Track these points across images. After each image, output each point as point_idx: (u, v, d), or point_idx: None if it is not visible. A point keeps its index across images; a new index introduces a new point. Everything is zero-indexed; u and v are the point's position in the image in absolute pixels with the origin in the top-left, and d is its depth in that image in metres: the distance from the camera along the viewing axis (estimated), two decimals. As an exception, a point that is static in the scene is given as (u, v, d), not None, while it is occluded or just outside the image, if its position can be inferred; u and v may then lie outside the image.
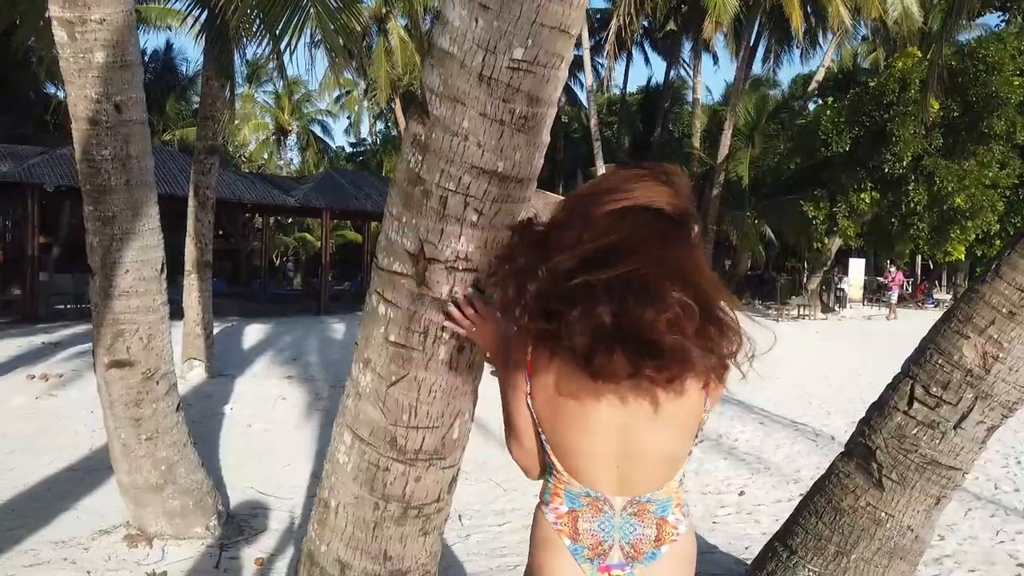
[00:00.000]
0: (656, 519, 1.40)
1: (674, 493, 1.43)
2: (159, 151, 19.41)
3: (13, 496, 4.68)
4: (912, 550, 2.84)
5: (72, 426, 6.35)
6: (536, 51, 1.56)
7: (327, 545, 1.89)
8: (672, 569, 1.41)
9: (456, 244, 1.66)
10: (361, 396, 1.81)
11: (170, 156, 18.38)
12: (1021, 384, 2.67)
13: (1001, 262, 2.75)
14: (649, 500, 1.40)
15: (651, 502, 1.40)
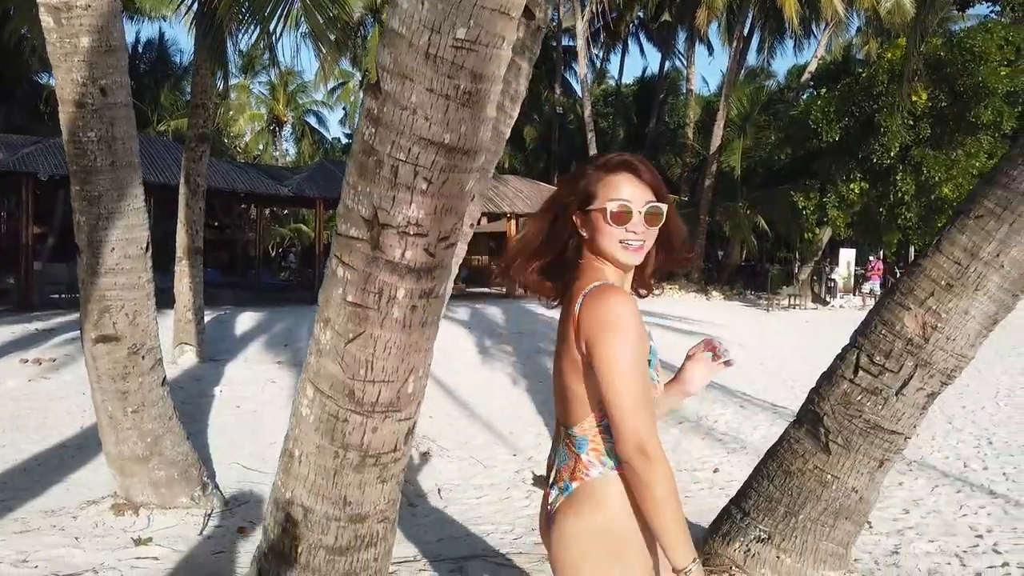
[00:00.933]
0: (575, 454, 1.54)
1: (592, 436, 1.52)
2: (153, 141, 19.50)
3: (5, 471, 4.83)
4: (857, 510, 3.00)
5: (63, 407, 6.50)
6: (478, 31, 1.69)
7: (291, 492, 2.04)
8: (576, 506, 1.51)
9: (407, 210, 1.80)
10: (322, 353, 1.95)
11: (164, 146, 18.45)
12: (958, 352, 2.82)
13: (942, 237, 2.90)
14: (571, 434, 1.55)
15: (572, 437, 1.54)
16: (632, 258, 1.58)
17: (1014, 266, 2.74)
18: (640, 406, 1.43)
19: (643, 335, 1.51)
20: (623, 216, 1.56)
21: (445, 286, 1.99)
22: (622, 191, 1.56)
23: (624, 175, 1.58)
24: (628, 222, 1.56)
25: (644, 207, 1.56)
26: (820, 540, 2.99)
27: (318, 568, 2.04)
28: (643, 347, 1.50)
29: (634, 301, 1.55)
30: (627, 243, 1.57)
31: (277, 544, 2.08)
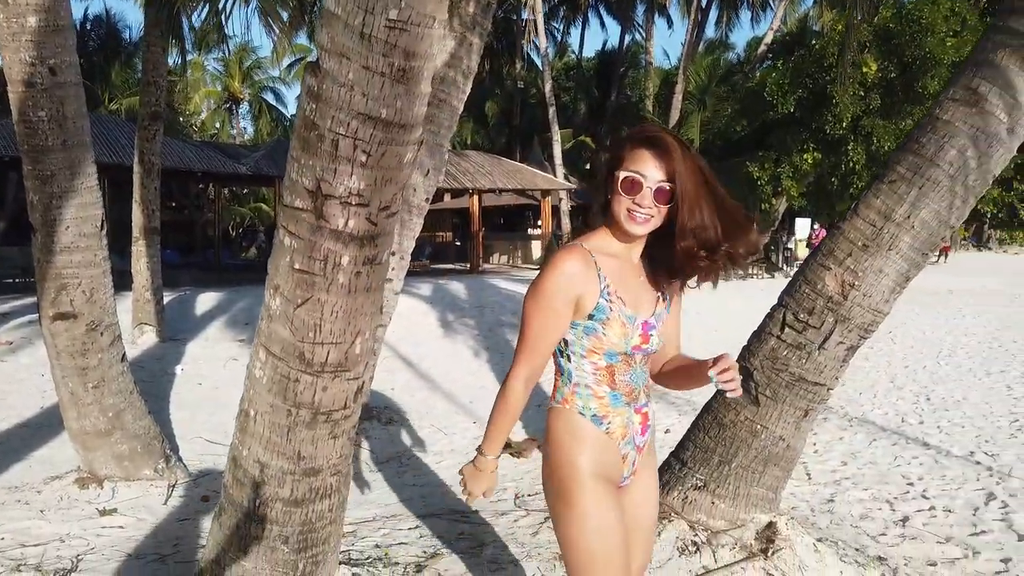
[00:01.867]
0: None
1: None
2: (106, 120, 19.07)
3: (-34, 451, 4.86)
4: (784, 457, 3.23)
5: (23, 388, 6.50)
6: (409, 12, 1.81)
7: (248, 449, 2.17)
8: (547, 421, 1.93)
9: (348, 182, 1.92)
10: (272, 318, 2.07)
11: (117, 125, 18.09)
12: (874, 308, 3.04)
13: (859, 201, 3.10)
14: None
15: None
16: (635, 228, 1.75)
17: (923, 227, 2.96)
18: (522, 352, 1.80)
19: (562, 293, 1.75)
20: (633, 186, 1.72)
21: (387, 253, 2.12)
22: (639, 164, 1.72)
23: (647, 150, 1.73)
24: (637, 194, 1.71)
25: (656, 184, 1.71)
26: (751, 486, 3.21)
27: (276, 519, 2.18)
28: (556, 305, 1.76)
29: (577, 263, 1.76)
30: (634, 213, 1.73)
31: (236, 498, 2.22)
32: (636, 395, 1.88)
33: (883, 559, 3.60)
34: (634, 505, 1.93)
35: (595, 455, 1.81)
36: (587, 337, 1.81)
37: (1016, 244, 45.07)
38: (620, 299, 1.80)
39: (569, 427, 1.83)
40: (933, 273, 26.97)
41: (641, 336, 1.83)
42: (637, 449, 1.91)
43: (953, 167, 2.89)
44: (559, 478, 1.81)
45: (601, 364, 1.83)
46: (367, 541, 3.26)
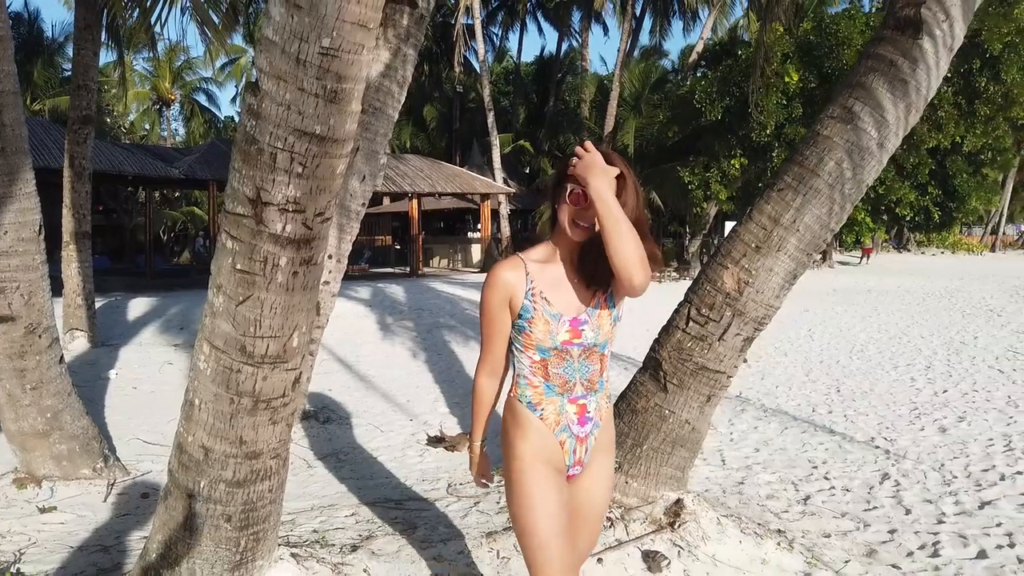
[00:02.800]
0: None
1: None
2: (31, 122, 18.49)
3: None
4: (690, 439, 3.55)
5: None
6: (340, 40, 2.03)
7: (193, 435, 2.36)
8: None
9: (285, 190, 2.13)
10: (216, 314, 2.27)
11: (42, 127, 17.59)
12: (766, 303, 3.39)
13: (753, 207, 3.45)
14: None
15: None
16: (578, 235, 1.97)
17: (807, 230, 3.32)
18: (481, 351, 2.11)
19: (495, 298, 2.02)
20: (576, 198, 1.94)
21: (322, 254, 2.33)
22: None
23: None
24: (580, 204, 1.93)
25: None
26: (661, 466, 3.52)
27: (219, 499, 2.37)
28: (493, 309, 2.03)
29: (507, 270, 2.02)
30: (577, 222, 1.96)
31: (182, 481, 2.40)
32: (571, 387, 2.04)
33: (782, 532, 3.96)
34: (583, 492, 2.11)
35: (533, 439, 2.03)
36: (521, 335, 2.04)
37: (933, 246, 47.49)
38: (545, 300, 2.00)
39: (512, 414, 2.07)
40: (855, 273, 28.32)
41: (570, 332, 2.00)
42: (577, 439, 2.06)
43: (832, 177, 3.26)
44: (505, 459, 2.06)
45: (536, 358, 2.03)
46: (305, 527, 3.45)
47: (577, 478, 2.12)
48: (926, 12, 3.18)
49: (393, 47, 5.63)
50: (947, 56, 3.28)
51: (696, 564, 3.25)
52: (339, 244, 5.79)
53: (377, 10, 2.09)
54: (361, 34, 2.07)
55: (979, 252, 45.43)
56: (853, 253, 38.44)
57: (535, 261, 2.05)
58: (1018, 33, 16.40)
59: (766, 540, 3.59)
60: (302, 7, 1.98)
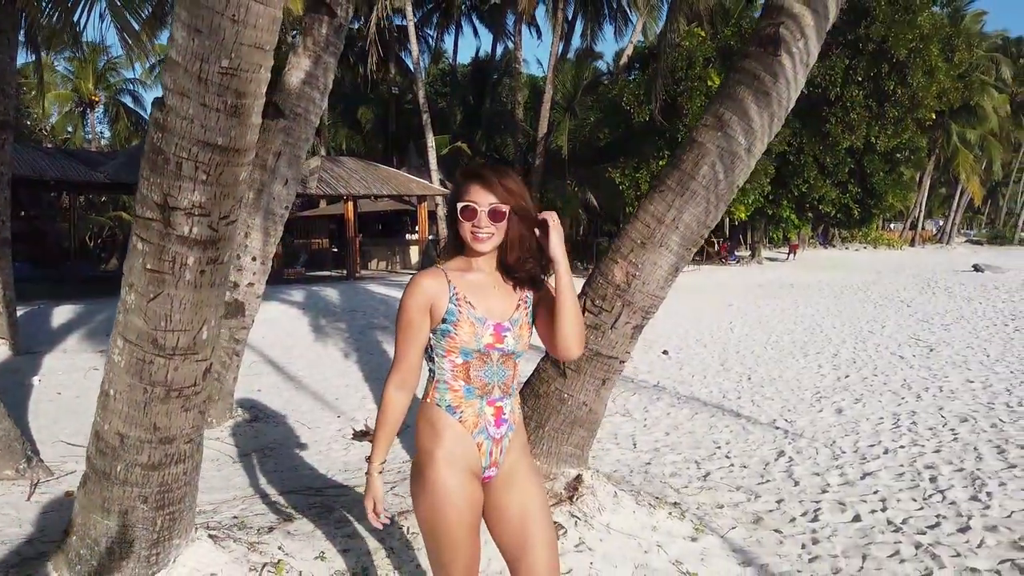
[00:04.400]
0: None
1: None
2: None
3: None
4: (588, 419, 3.87)
5: None
6: (238, 61, 2.25)
7: (109, 424, 2.54)
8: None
9: (191, 196, 2.34)
10: (128, 311, 2.45)
11: (-44, 130, 16.98)
12: (652, 293, 3.73)
13: (639, 206, 3.79)
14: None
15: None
16: (480, 246, 2.08)
17: (687, 228, 3.67)
18: (394, 361, 2.13)
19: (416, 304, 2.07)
20: (469, 213, 2.08)
21: (229, 254, 2.54)
22: (472, 195, 2.07)
23: (475, 183, 2.08)
24: (474, 218, 2.06)
25: (487, 207, 2.05)
26: (561, 445, 3.82)
27: (135, 482, 2.56)
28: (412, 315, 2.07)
29: (428, 278, 2.09)
30: (476, 233, 2.07)
31: (99, 466, 2.58)
32: (490, 390, 2.11)
33: (677, 504, 4.31)
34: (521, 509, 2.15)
35: (449, 444, 2.08)
36: (444, 339, 2.09)
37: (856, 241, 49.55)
38: (469, 303, 2.08)
39: (428, 419, 2.11)
40: (781, 269, 29.45)
41: (493, 336, 2.09)
42: (493, 440, 2.13)
43: (706, 179, 3.61)
44: (417, 462, 2.10)
45: (458, 362, 2.09)
46: (226, 515, 3.63)
47: (500, 486, 2.17)
48: (784, 31, 3.56)
49: (313, 55, 5.84)
50: (804, 71, 3.67)
51: (591, 532, 3.56)
52: (263, 247, 5.96)
53: (273, 33, 2.32)
54: (258, 55, 2.30)
55: (899, 247, 47.64)
56: (781, 249, 39.90)
57: (453, 270, 2.14)
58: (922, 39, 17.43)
59: (658, 510, 3.93)
60: (202, 31, 2.20)
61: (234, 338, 5.95)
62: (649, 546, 3.59)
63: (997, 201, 64.85)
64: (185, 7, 2.20)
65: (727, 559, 3.66)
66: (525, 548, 2.14)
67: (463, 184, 2.12)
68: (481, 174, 2.11)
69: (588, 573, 3.29)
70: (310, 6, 5.95)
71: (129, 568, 2.63)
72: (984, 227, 68.94)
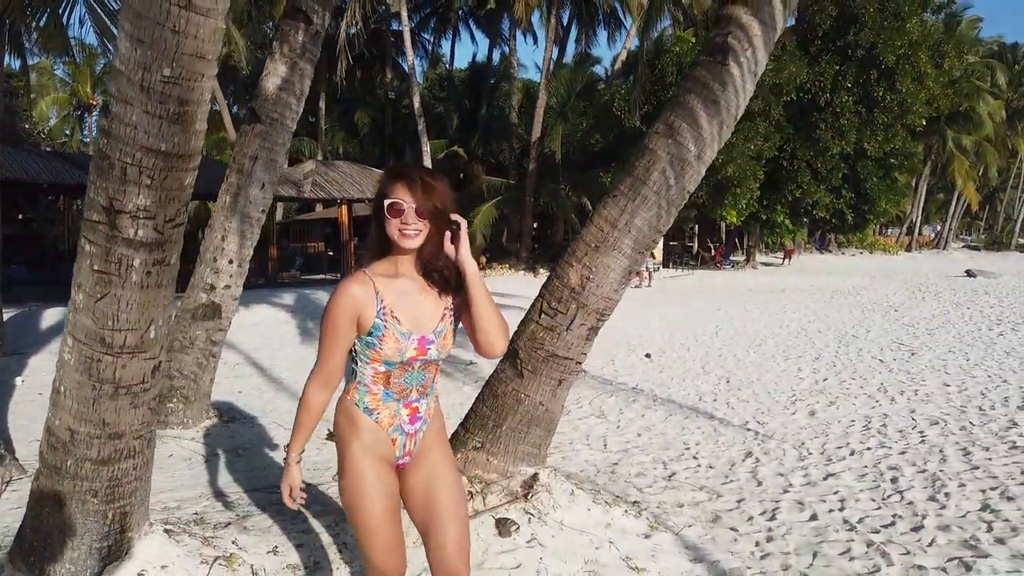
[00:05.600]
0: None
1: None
2: (-62, 128, 17.95)
3: None
4: (544, 419, 3.95)
5: None
6: (180, 70, 2.34)
7: (59, 420, 2.62)
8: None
9: (136, 199, 2.43)
10: (77, 310, 2.54)
11: (-49, 134, 17.10)
12: (605, 296, 3.82)
13: (594, 211, 3.87)
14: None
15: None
16: (407, 243, 2.11)
17: (639, 232, 3.75)
18: (317, 362, 2.21)
19: (342, 314, 2.11)
20: (396, 210, 2.10)
21: (176, 256, 2.62)
22: (399, 192, 2.10)
23: (401, 181, 2.11)
24: (402, 214, 2.09)
25: (414, 204, 2.09)
26: (518, 444, 3.91)
27: (86, 476, 2.64)
28: (338, 324, 2.12)
29: (356, 287, 2.12)
30: (403, 231, 2.10)
31: (51, 461, 2.66)
32: (407, 393, 2.22)
33: (637, 503, 4.40)
34: (429, 484, 2.28)
35: (365, 437, 2.20)
36: (368, 349, 2.15)
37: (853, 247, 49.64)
38: (396, 319, 2.13)
39: (346, 415, 2.23)
40: (775, 274, 29.55)
41: (417, 349, 2.17)
42: (408, 436, 2.26)
43: (657, 185, 3.70)
44: (339, 454, 2.23)
45: (380, 370, 2.18)
46: (187, 511, 3.71)
47: (412, 469, 2.30)
48: (732, 41, 3.65)
49: (289, 62, 5.93)
50: (752, 80, 3.76)
51: (544, 528, 3.64)
52: (240, 249, 6.05)
53: (215, 44, 2.41)
54: (200, 64, 2.39)
55: (895, 252, 47.75)
56: (777, 254, 39.99)
57: (381, 276, 2.17)
58: (911, 46, 17.54)
59: (614, 508, 4.00)
60: (144, 41, 2.29)
61: (211, 340, 6.04)
62: (601, 543, 3.66)
63: (995, 206, 64.96)
64: (128, 18, 2.29)
65: (678, 556, 3.73)
66: (432, 521, 2.25)
67: (389, 183, 2.14)
68: (406, 173, 2.15)
69: (537, 568, 3.37)
70: (287, 13, 6.04)
71: (81, 560, 2.71)
72: (982, 232, 69.09)
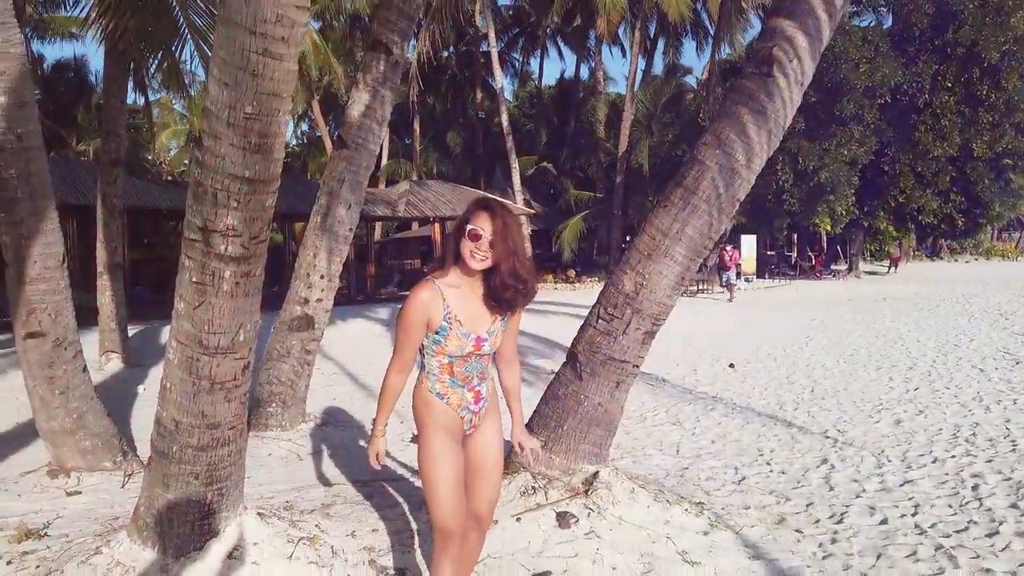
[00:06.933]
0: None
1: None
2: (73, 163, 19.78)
3: (-49, 459, 5.64)
4: (604, 419, 4.14)
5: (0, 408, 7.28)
6: (260, 107, 2.72)
7: (166, 412, 3.04)
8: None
9: (226, 220, 2.82)
10: (179, 316, 2.95)
11: (85, 169, 18.81)
12: (659, 301, 3.98)
13: (646, 220, 4.06)
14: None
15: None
16: (475, 264, 2.56)
17: (690, 240, 3.91)
18: (394, 354, 2.70)
19: (415, 318, 2.60)
20: (474, 236, 2.56)
21: (260, 268, 3.00)
22: (480, 221, 2.56)
23: (485, 212, 2.57)
24: (478, 241, 2.55)
25: (490, 235, 2.54)
26: (579, 443, 4.11)
27: (188, 460, 3.05)
28: (412, 326, 2.61)
29: (426, 293, 2.60)
30: (475, 253, 2.56)
31: (160, 447, 3.09)
32: (469, 380, 2.74)
33: (701, 504, 4.50)
34: (478, 450, 2.82)
35: (438, 417, 2.72)
36: (435, 344, 2.66)
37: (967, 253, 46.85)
38: (458, 321, 2.62)
39: (422, 399, 2.74)
40: (879, 283, 28.31)
41: (474, 346, 2.67)
42: (473, 413, 2.78)
43: (707, 194, 3.85)
44: (418, 432, 2.74)
45: (444, 362, 2.69)
46: (279, 500, 4.12)
47: (471, 437, 2.82)
48: (778, 52, 3.78)
49: (372, 90, 6.40)
50: (799, 90, 3.86)
51: (602, 522, 3.82)
52: (329, 265, 6.53)
53: (289, 83, 2.78)
54: (277, 101, 2.77)
55: (1014, 257, 44.74)
56: (882, 263, 38.27)
57: (446, 285, 2.64)
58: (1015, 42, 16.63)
59: (674, 506, 4.14)
60: (229, 84, 2.68)
61: (305, 349, 6.53)
62: (658, 537, 3.81)
63: None
64: (216, 64, 2.69)
65: (736, 553, 3.83)
66: (476, 476, 2.80)
67: (474, 211, 2.61)
68: (491, 207, 2.61)
69: (593, 558, 3.56)
70: (370, 45, 6.52)
71: (185, 535, 3.12)
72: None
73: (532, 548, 3.62)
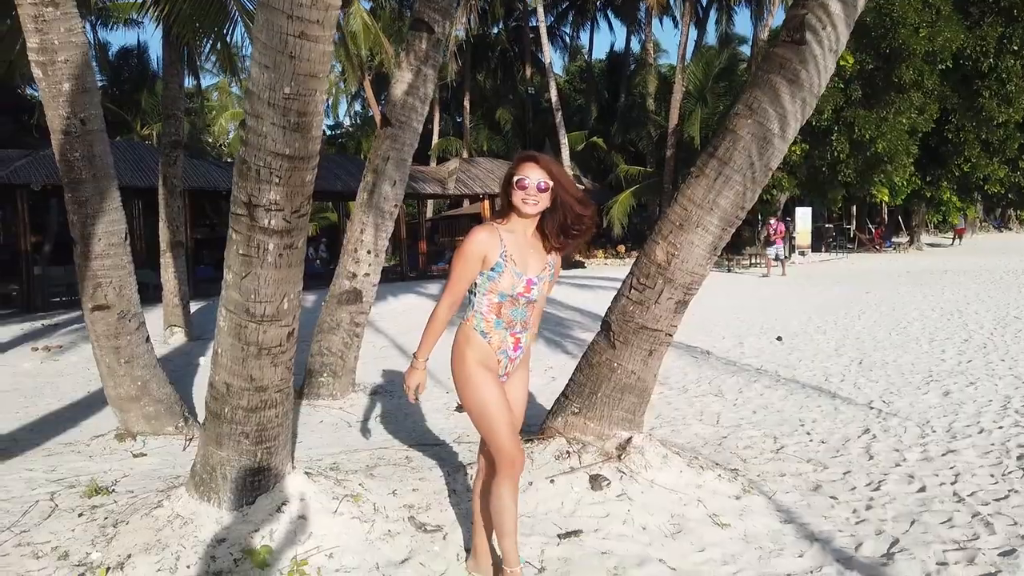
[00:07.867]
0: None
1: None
2: (137, 147, 20.57)
3: (30, 423, 6.07)
4: (636, 387, 4.23)
5: (72, 378, 7.75)
6: (298, 87, 2.87)
7: (218, 376, 3.26)
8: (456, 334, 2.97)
9: (269, 195, 2.99)
10: (228, 286, 3.16)
11: (148, 151, 19.54)
12: (691, 271, 4.04)
13: (678, 191, 4.11)
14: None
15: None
16: (528, 209, 2.77)
17: (723, 211, 3.94)
18: (447, 289, 2.83)
19: (474, 252, 2.75)
20: (523, 184, 2.76)
21: (302, 241, 3.18)
22: (526, 171, 2.77)
23: (529, 163, 2.78)
24: (526, 189, 2.75)
25: (537, 181, 2.75)
26: (613, 409, 4.21)
27: (238, 421, 3.27)
28: (470, 259, 2.76)
29: (486, 233, 2.78)
30: (525, 200, 2.76)
31: (213, 408, 3.31)
32: (513, 324, 2.87)
33: (736, 470, 4.57)
34: (508, 393, 2.93)
35: (478, 353, 2.85)
36: (488, 282, 2.79)
37: (1039, 223, 44.82)
38: (513, 260, 2.78)
39: (465, 335, 2.88)
40: (941, 255, 27.42)
41: (524, 287, 2.82)
42: (509, 359, 2.91)
43: (739, 164, 3.88)
44: (456, 364, 2.87)
45: (495, 301, 2.82)
46: (326, 461, 4.35)
47: (504, 383, 2.94)
48: (811, 18, 3.76)
49: (414, 68, 6.54)
50: (832, 57, 3.83)
51: (634, 486, 3.93)
52: (375, 240, 6.74)
53: (325, 64, 2.93)
54: (314, 82, 2.92)
55: (1091, 227, 42.64)
56: (946, 235, 36.99)
57: (504, 229, 2.82)
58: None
59: (707, 471, 4.22)
60: (269, 66, 2.84)
61: (354, 321, 6.77)
62: (689, 500, 3.91)
63: None
64: (257, 48, 2.85)
65: (768, 516, 3.90)
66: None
67: (518, 163, 2.81)
68: (535, 156, 2.82)
69: (624, 519, 3.68)
70: (412, 25, 6.65)
71: (237, 490, 3.35)
72: None
73: (565, 509, 3.76)
